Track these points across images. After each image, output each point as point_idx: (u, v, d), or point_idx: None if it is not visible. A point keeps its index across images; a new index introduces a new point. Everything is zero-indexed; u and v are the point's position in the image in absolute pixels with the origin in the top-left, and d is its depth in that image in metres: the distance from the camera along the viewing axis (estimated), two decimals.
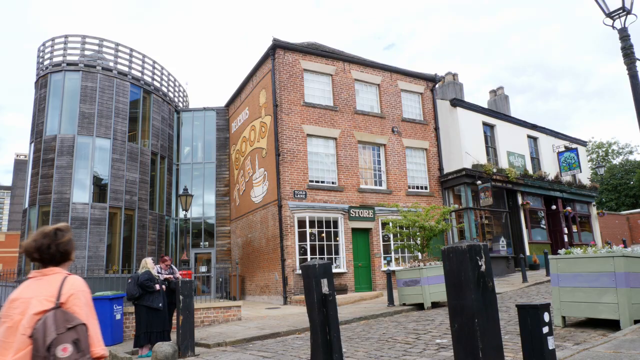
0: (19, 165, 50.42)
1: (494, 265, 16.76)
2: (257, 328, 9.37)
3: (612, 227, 29.47)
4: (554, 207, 21.80)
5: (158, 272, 8.33)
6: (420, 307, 10.52)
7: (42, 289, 2.10)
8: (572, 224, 22.73)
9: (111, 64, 19.00)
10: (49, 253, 2.19)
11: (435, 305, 10.51)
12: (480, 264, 2.76)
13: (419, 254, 12.99)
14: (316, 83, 16.91)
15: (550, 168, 22.39)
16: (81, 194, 17.25)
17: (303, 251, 15.08)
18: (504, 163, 20.11)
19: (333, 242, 15.70)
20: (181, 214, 19.49)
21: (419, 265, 10.82)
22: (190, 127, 22.20)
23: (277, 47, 16.26)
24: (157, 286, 7.93)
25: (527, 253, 19.20)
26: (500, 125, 20.79)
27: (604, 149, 44.70)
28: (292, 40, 32.75)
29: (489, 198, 17.43)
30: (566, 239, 21.56)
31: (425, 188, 18.44)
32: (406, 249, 14.65)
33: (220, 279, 18.99)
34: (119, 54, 19.31)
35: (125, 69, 19.32)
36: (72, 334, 1.98)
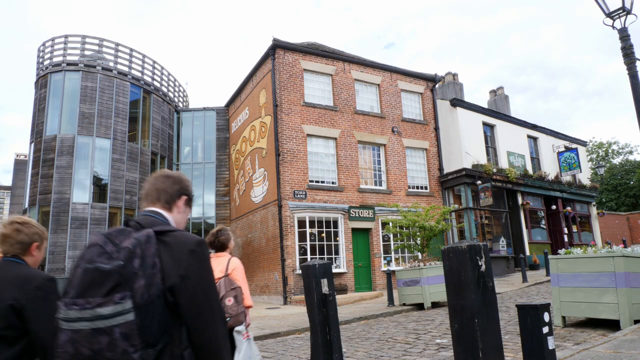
0: (19, 165, 50.41)
1: (494, 265, 16.76)
2: (257, 328, 9.37)
3: (612, 227, 29.45)
4: (554, 207, 21.80)
5: None
6: (420, 307, 10.52)
7: (217, 265, 3.41)
8: (572, 224, 22.73)
9: (111, 64, 19.01)
10: (214, 244, 3.65)
11: (435, 305, 10.51)
12: (480, 264, 2.76)
13: (419, 254, 12.99)
14: (316, 83, 16.91)
15: (550, 168, 22.39)
16: (81, 194, 17.25)
17: (303, 251, 15.08)
18: (504, 163, 20.10)
19: (333, 242, 15.70)
20: None
21: (419, 265, 10.82)
22: (190, 127, 22.20)
23: (277, 47, 16.26)
24: None
25: (527, 253, 19.20)
26: (500, 125, 20.79)
27: (604, 149, 44.68)
28: (292, 40, 32.72)
29: (489, 198, 17.43)
30: (566, 239, 21.55)
31: (425, 188, 18.43)
32: (406, 249, 14.65)
33: None
34: (119, 54, 19.32)
35: (125, 69, 19.33)
36: (233, 292, 3.27)
